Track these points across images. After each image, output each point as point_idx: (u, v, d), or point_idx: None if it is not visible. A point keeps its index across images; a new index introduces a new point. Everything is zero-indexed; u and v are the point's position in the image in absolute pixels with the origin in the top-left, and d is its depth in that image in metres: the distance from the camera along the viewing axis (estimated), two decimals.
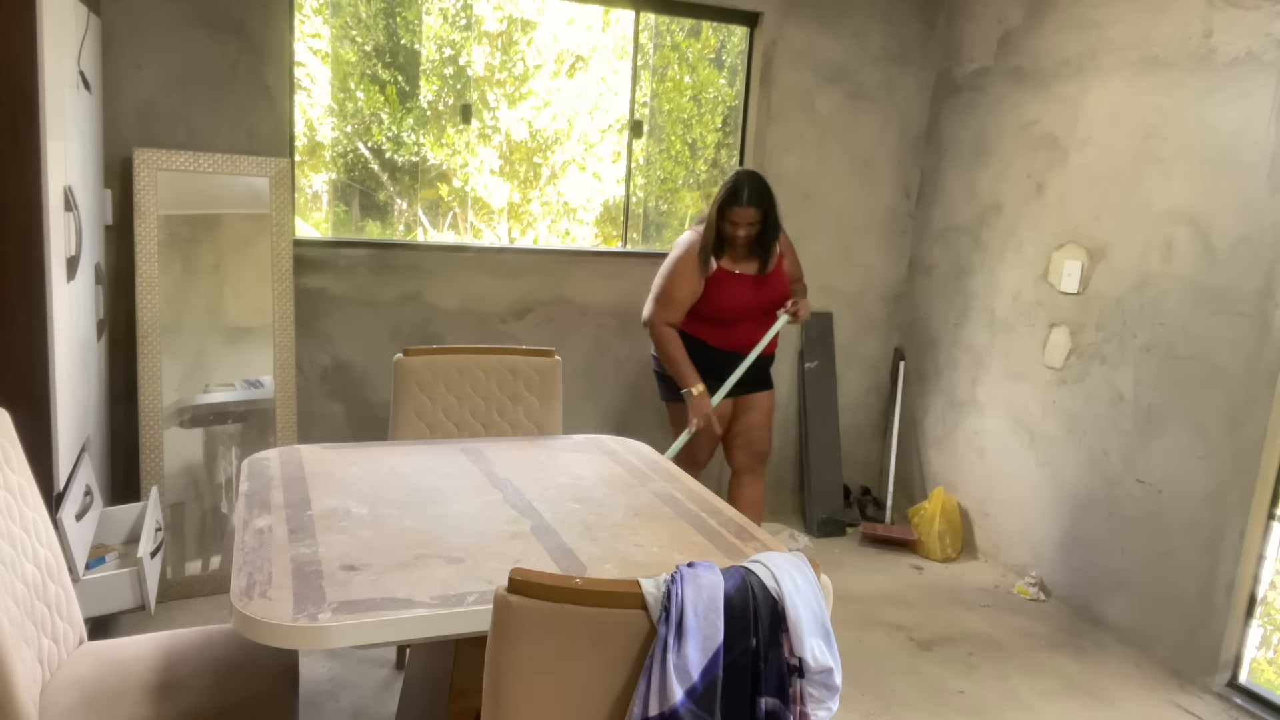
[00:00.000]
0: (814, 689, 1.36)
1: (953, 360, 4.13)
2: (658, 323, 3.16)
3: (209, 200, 3.19)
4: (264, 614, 1.41)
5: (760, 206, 3.06)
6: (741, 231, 3.07)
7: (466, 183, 3.91)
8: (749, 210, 3.04)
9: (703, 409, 3.10)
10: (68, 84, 2.41)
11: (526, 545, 1.76)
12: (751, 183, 3.06)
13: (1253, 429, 2.84)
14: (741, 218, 3.05)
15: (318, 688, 2.65)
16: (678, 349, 3.14)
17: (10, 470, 1.73)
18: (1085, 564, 3.43)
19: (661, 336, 3.15)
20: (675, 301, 3.14)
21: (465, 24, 3.72)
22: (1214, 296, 2.96)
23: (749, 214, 3.05)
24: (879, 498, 4.43)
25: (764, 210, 3.06)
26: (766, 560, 1.40)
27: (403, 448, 2.35)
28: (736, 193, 3.04)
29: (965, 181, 4.04)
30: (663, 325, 3.15)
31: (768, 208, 3.08)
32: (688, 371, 3.12)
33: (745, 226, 3.07)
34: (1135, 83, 3.24)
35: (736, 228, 3.07)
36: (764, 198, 3.07)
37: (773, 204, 3.10)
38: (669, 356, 3.14)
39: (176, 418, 3.15)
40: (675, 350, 3.14)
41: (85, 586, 2.30)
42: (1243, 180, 2.87)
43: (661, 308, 3.16)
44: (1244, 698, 2.89)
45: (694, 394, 3.10)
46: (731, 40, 4.11)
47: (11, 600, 1.59)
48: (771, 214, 3.09)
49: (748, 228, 3.07)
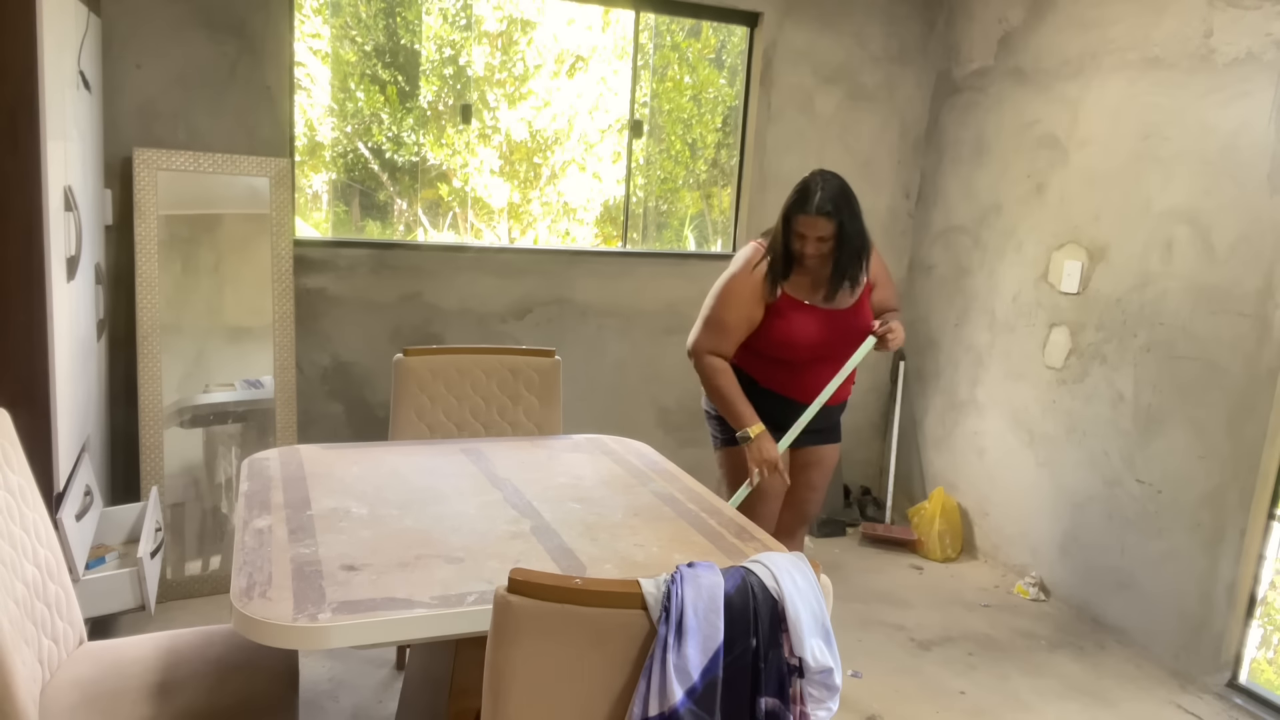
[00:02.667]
0: (814, 689, 1.36)
1: (953, 360, 4.13)
2: (702, 352, 2.56)
3: (209, 200, 3.19)
4: (264, 614, 1.41)
5: (835, 216, 2.38)
6: (810, 248, 2.42)
7: (466, 183, 3.91)
8: (819, 221, 2.37)
9: (766, 455, 2.49)
10: (68, 84, 2.41)
11: (526, 545, 1.76)
12: (826, 185, 2.40)
13: (1253, 429, 2.84)
14: (810, 229, 2.39)
15: (318, 688, 2.65)
16: (729, 382, 2.54)
17: (10, 470, 1.73)
18: (1085, 564, 3.43)
19: (708, 368, 2.55)
20: (726, 329, 2.52)
21: (465, 24, 3.72)
22: (1214, 296, 2.96)
23: (819, 225, 2.38)
24: (879, 498, 4.43)
25: (840, 221, 2.39)
26: (766, 560, 1.40)
27: (403, 448, 2.35)
28: (805, 196, 2.40)
29: (965, 182, 4.04)
30: (708, 355, 2.55)
31: (845, 218, 2.39)
32: (743, 409, 2.52)
33: (814, 242, 2.41)
34: (1135, 83, 3.24)
35: (805, 242, 2.42)
36: (840, 205, 2.39)
37: (853, 213, 2.42)
38: (718, 391, 2.55)
39: (176, 418, 3.15)
40: (725, 384, 2.54)
41: (85, 586, 2.30)
42: (1243, 180, 2.87)
43: (709, 335, 2.55)
44: (1244, 698, 2.89)
45: (752, 436, 2.50)
46: (731, 40, 4.11)
47: (11, 600, 1.59)
48: (851, 227, 2.41)
49: (817, 244, 2.41)
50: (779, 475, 2.53)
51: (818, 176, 2.42)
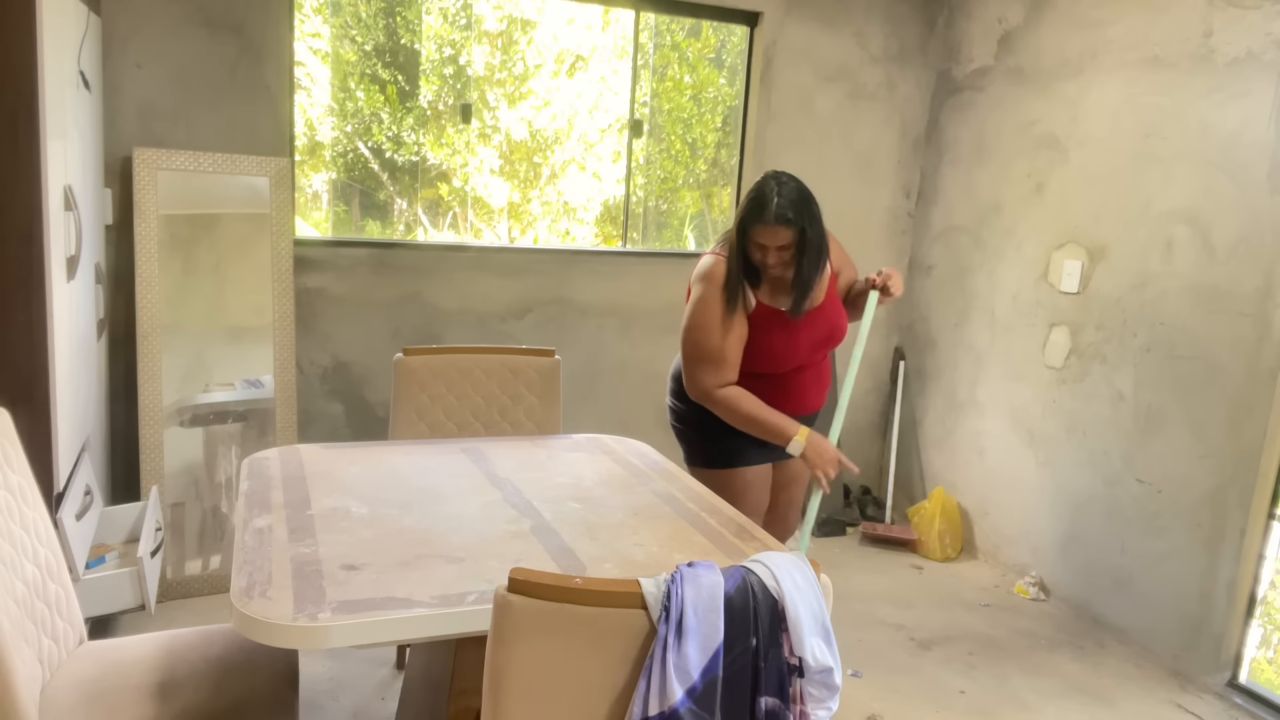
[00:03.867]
0: (814, 689, 1.36)
1: (953, 360, 4.13)
2: (710, 389, 2.32)
3: (209, 200, 3.19)
4: (264, 614, 1.41)
5: (796, 224, 2.19)
6: (771, 258, 2.25)
7: (466, 182, 3.91)
8: (778, 230, 2.20)
9: (828, 455, 2.29)
10: (68, 84, 2.41)
11: (526, 545, 1.76)
12: (783, 189, 2.21)
13: (1253, 429, 2.84)
14: (770, 239, 2.22)
15: (318, 688, 2.65)
16: (753, 404, 2.31)
17: (10, 470, 1.73)
18: (1085, 564, 3.43)
19: (725, 401, 2.32)
20: (724, 356, 2.31)
21: (465, 24, 3.72)
22: (1214, 296, 2.96)
23: (779, 234, 2.20)
24: (879, 497, 4.43)
25: (801, 229, 2.20)
26: (766, 560, 1.40)
27: (403, 447, 2.35)
28: (761, 203, 2.20)
29: (965, 181, 4.04)
30: (717, 390, 2.33)
31: (806, 224, 2.21)
32: (781, 422, 2.30)
33: (775, 251, 2.24)
34: (1135, 83, 3.24)
35: (765, 252, 2.25)
36: (800, 210, 2.20)
37: (814, 217, 2.24)
38: (748, 418, 2.32)
39: (176, 417, 3.15)
40: (751, 407, 2.31)
41: (85, 586, 2.30)
42: (1243, 180, 2.87)
43: (709, 369, 2.31)
44: (1244, 697, 2.89)
45: (804, 444, 2.29)
46: (731, 40, 4.11)
47: (11, 600, 1.59)
48: (812, 233, 2.22)
49: (778, 253, 2.24)
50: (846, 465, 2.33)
51: (772, 180, 2.24)
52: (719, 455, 2.47)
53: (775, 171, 2.29)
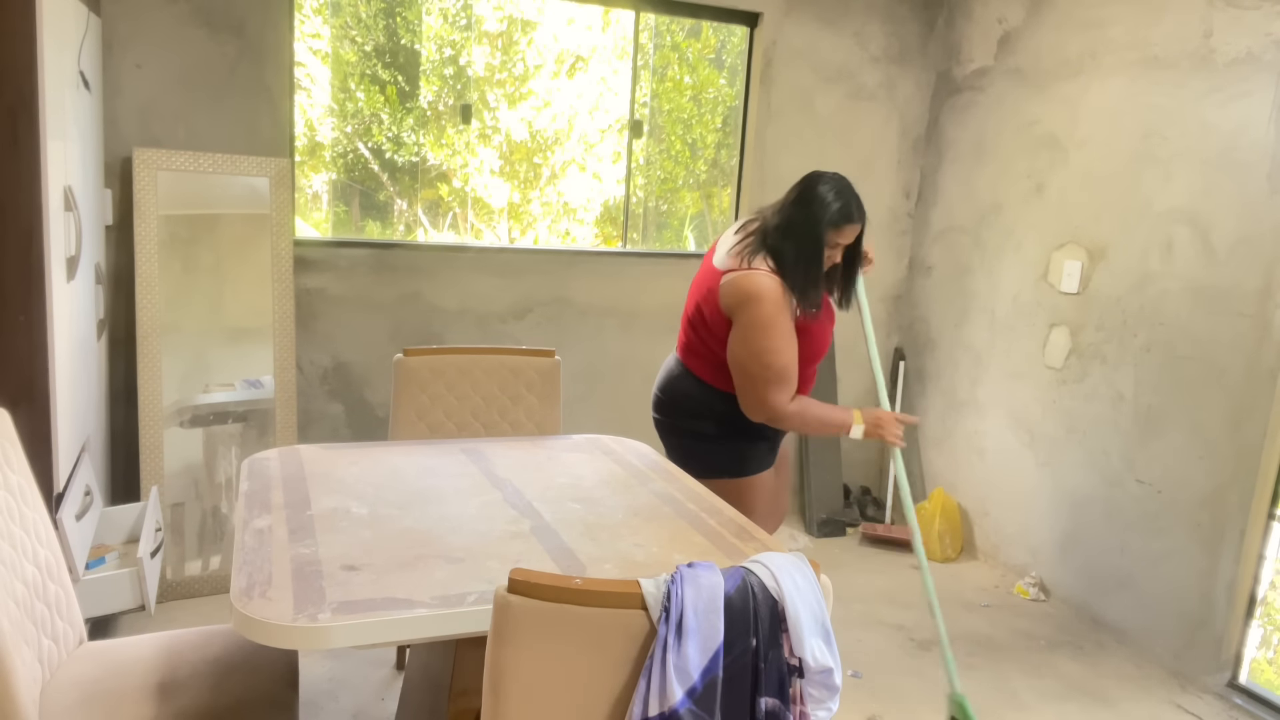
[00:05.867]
0: (814, 689, 1.36)
1: (953, 360, 4.13)
2: (781, 406, 2.34)
3: (209, 200, 3.19)
4: (264, 614, 1.41)
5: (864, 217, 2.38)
6: (837, 256, 2.41)
7: (466, 183, 3.91)
8: (858, 227, 2.36)
9: (884, 419, 2.43)
10: (68, 84, 2.41)
11: (526, 545, 1.76)
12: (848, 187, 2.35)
13: (1253, 429, 2.84)
14: (848, 237, 2.36)
15: (318, 688, 2.65)
16: (820, 408, 2.41)
17: (10, 470, 1.73)
18: (1085, 564, 3.43)
19: (796, 415, 2.37)
20: (790, 370, 2.34)
21: (465, 24, 3.72)
22: (1214, 296, 2.96)
23: (856, 230, 2.37)
24: (879, 498, 4.43)
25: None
26: (766, 560, 1.40)
27: (403, 448, 2.35)
28: (847, 207, 2.31)
29: (965, 181, 4.04)
30: (789, 404, 2.35)
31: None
32: (841, 414, 2.42)
33: (841, 249, 2.40)
34: (1135, 83, 3.24)
35: (836, 251, 2.38)
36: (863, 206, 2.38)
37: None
38: (817, 422, 2.41)
39: (176, 418, 3.15)
40: (818, 411, 2.40)
41: (85, 586, 2.30)
42: (1243, 180, 2.87)
43: (780, 388, 2.33)
44: (1244, 698, 2.89)
45: (865, 424, 2.42)
46: (731, 40, 4.11)
47: (11, 600, 1.59)
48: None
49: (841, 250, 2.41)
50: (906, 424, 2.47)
51: (833, 182, 2.32)
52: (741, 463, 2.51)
53: (822, 172, 2.37)
